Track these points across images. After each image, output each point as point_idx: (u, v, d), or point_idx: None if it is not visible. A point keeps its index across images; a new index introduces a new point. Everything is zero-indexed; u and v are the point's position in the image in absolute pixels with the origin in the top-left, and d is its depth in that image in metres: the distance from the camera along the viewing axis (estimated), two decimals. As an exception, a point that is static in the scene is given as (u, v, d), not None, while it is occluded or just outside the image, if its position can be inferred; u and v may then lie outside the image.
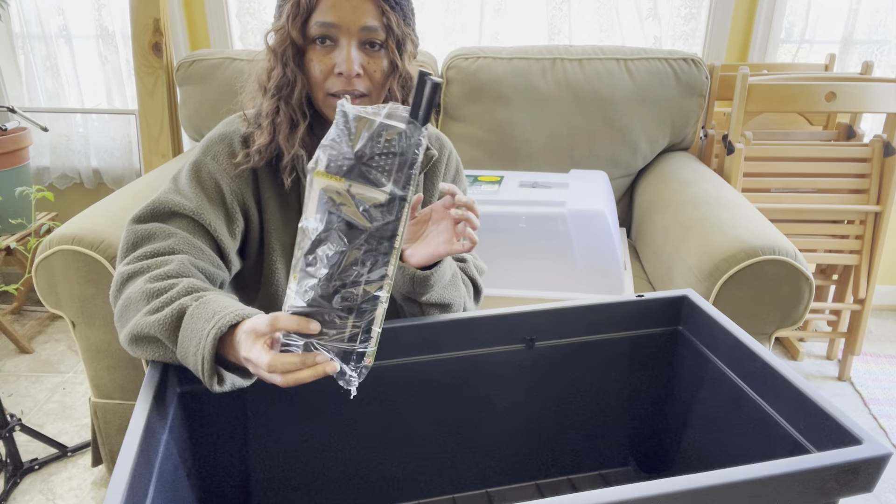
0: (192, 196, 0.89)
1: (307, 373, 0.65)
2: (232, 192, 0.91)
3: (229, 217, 0.91)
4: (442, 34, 2.10)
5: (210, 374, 0.69)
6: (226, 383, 0.73)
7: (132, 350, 0.78)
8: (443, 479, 0.96)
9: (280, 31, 0.88)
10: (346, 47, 0.86)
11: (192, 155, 0.94)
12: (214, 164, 0.91)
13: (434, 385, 0.90)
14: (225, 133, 0.94)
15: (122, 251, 0.85)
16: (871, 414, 1.79)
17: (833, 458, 0.61)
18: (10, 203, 1.95)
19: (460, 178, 1.09)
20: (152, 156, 2.00)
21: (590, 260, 1.43)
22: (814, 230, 1.80)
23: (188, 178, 0.91)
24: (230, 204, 0.91)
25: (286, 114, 0.90)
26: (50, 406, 1.82)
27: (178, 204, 0.87)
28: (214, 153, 0.92)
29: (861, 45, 2.04)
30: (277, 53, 0.88)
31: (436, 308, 0.92)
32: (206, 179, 0.91)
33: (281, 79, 0.88)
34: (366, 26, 0.85)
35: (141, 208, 0.88)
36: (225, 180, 0.91)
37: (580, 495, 0.57)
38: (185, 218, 0.87)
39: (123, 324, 0.78)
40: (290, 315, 0.66)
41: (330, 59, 0.87)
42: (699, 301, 0.92)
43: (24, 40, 2.18)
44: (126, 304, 0.79)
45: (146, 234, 0.85)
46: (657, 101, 1.79)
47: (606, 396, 0.98)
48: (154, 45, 1.90)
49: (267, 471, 0.89)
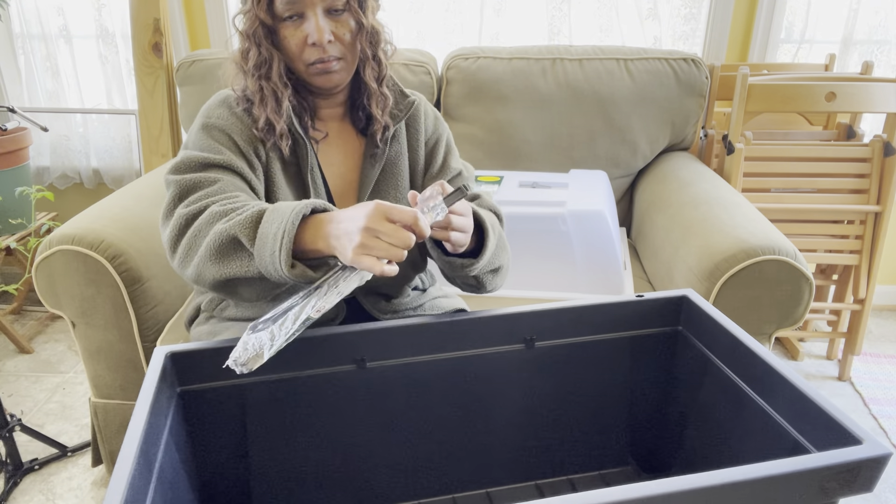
0: (214, 149, 0.93)
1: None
2: (245, 143, 0.95)
3: (251, 165, 0.96)
4: (442, 34, 2.10)
5: (287, 251, 0.74)
6: (297, 269, 0.76)
7: (208, 270, 0.81)
8: (443, 479, 0.96)
9: (248, 14, 0.93)
10: (314, 17, 0.91)
11: (194, 126, 0.98)
12: (222, 122, 0.96)
13: (434, 385, 0.90)
14: (222, 98, 0.99)
15: (172, 200, 0.89)
16: (871, 414, 1.79)
17: (833, 458, 0.61)
18: (10, 203, 1.95)
19: (440, 122, 1.12)
20: (152, 156, 2.00)
21: (590, 260, 1.43)
22: (814, 230, 1.80)
23: (203, 138, 0.95)
24: (248, 154, 0.95)
25: (269, 89, 0.94)
26: (50, 406, 1.82)
27: (207, 158, 0.91)
28: (218, 115, 0.97)
29: (861, 45, 2.04)
30: (249, 35, 0.93)
31: (489, 275, 0.97)
32: (219, 136, 0.95)
33: (258, 58, 0.93)
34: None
35: (175, 163, 0.92)
36: (236, 133, 0.95)
37: (580, 495, 0.57)
38: (219, 167, 0.92)
39: (195, 250, 0.82)
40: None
41: (301, 31, 0.92)
42: (699, 301, 0.92)
43: (24, 40, 2.18)
44: (196, 234, 0.83)
45: (193, 182, 0.89)
46: (657, 101, 1.79)
47: (606, 396, 0.98)
48: (154, 45, 1.90)
49: (267, 471, 0.89)
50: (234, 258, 0.79)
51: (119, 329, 1.33)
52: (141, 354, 1.36)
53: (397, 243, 0.72)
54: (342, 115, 1.05)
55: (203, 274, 0.82)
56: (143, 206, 1.47)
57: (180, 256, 0.84)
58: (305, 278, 0.77)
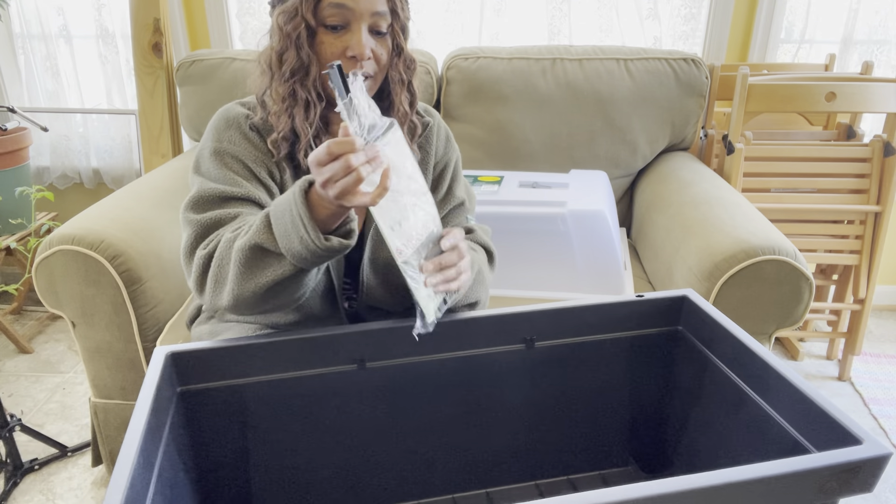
0: (229, 180, 0.91)
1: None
2: (260, 167, 0.94)
3: (268, 190, 0.94)
4: (442, 34, 2.10)
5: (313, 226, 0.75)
6: (332, 240, 0.76)
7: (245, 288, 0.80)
8: (443, 479, 0.96)
9: (292, 13, 0.88)
10: (359, 31, 0.88)
11: (204, 147, 0.95)
12: (235, 148, 0.93)
13: (434, 385, 0.90)
14: (230, 118, 0.96)
15: (191, 241, 0.87)
16: (871, 414, 1.79)
17: (833, 458, 0.61)
18: (10, 203, 1.95)
19: (451, 146, 1.11)
20: (152, 156, 2.00)
21: (590, 260, 1.43)
22: (814, 230, 1.80)
23: (217, 167, 0.92)
24: (264, 179, 0.94)
25: (302, 97, 0.91)
26: (50, 406, 1.82)
27: (224, 191, 0.89)
28: (229, 138, 0.94)
29: (861, 45, 2.04)
30: (292, 38, 0.89)
31: (464, 308, 0.94)
32: (234, 164, 0.93)
33: (296, 62, 0.89)
34: (377, 11, 0.89)
35: (190, 200, 0.90)
36: (250, 159, 0.93)
37: (580, 495, 0.57)
38: (239, 200, 0.90)
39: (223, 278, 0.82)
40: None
41: (341, 41, 0.89)
42: (699, 301, 0.92)
43: (24, 40, 2.18)
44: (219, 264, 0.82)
45: (212, 221, 0.87)
46: (657, 101, 1.79)
47: (606, 396, 0.98)
48: (154, 45, 1.90)
49: (267, 471, 0.89)
50: (266, 264, 0.79)
51: (119, 329, 1.33)
52: (141, 354, 1.36)
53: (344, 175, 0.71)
54: None
55: (242, 294, 0.80)
56: (143, 206, 1.47)
57: (210, 290, 0.83)
58: (343, 246, 0.78)
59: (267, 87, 0.94)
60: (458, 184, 1.10)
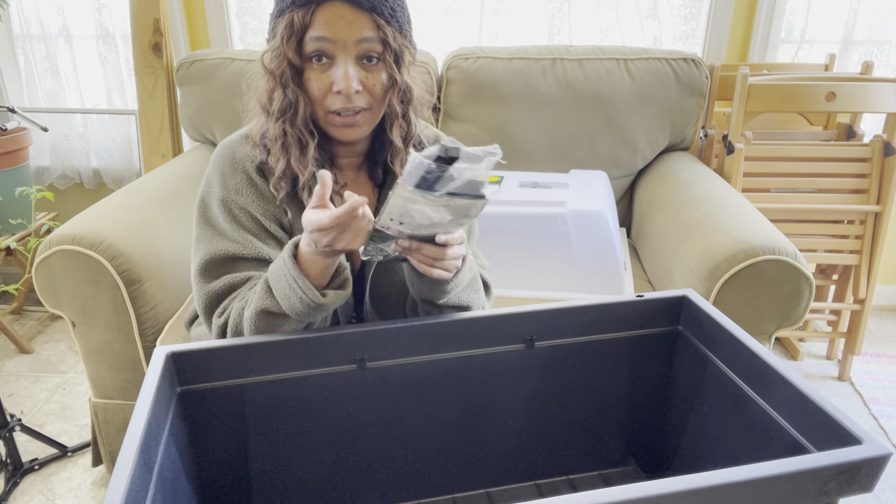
0: (240, 238, 0.91)
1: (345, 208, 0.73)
2: (268, 218, 0.93)
3: (278, 241, 0.94)
4: (442, 34, 2.10)
5: (309, 287, 0.78)
6: (328, 295, 0.81)
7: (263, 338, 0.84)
8: (443, 479, 0.96)
9: (276, 52, 0.86)
10: (343, 64, 0.85)
11: (211, 192, 0.94)
12: (242, 198, 0.92)
13: (434, 385, 0.90)
14: (235, 160, 0.94)
15: (205, 309, 0.90)
16: (871, 414, 1.79)
17: (833, 458, 0.61)
18: (10, 203, 1.95)
19: None
20: (152, 156, 2.00)
21: (590, 260, 1.43)
22: (814, 230, 1.80)
23: (224, 219, 0.92)
24: (273, 230, 0.94)
25: (293, 135, 0.89)
26: (50, 406, 1.82)
27: (234, 251, 0.90)
28: (236, 186, 0.93)
29: (861, 45, 2.04)
30: (276, 76, 0.87)
31: (454, 310, 0.92)
32: (241, 216, 0.92)
33: (283, 101, 0.88)
34: (362, 38, 0.85)
35: (201, 264, 0.91)
36: (258, 210, 0.93)
37: (580, 495, 0.57)
38: (248, 260, 0.91)
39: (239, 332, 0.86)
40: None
41: (328, 76, 0.86)
42: (699, 301, 0.92)
43: (24, 40, 2.18)
44: (234, 331, 0.86)
45: (223, 290, 0.89)
46: (657, 101, 1.79)
47: (606, 396, 0.98)
48: (154, 45, 1.90)
49: (267, 471, 0.89)
50: (276, 325, 0.83)
51: (119, 329, 1.33)
52: (141, 354, 1.36)
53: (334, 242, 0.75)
54: (359, 166, 1.00)
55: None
56: (143, 206, 1.47)
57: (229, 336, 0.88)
58: (340, 297, 0.82)
59: (264, 127, 0.93)
60: None
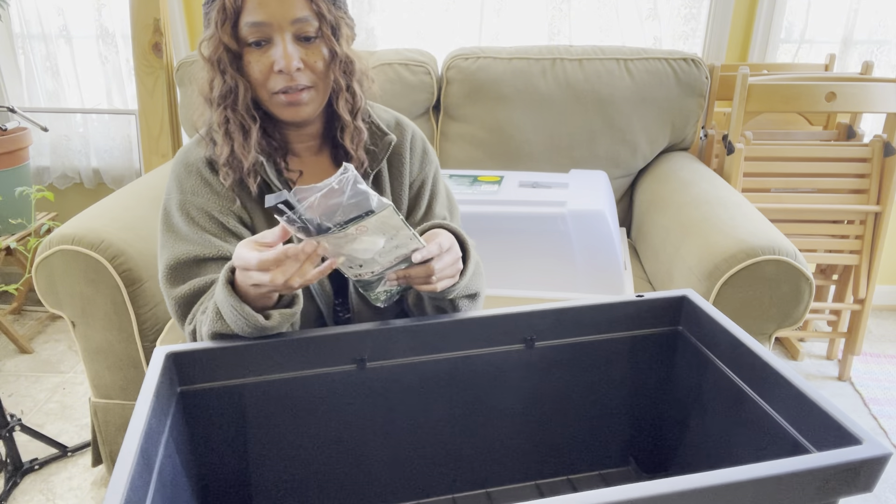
0: (200, 240, 0.91)
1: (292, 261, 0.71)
2: (226, 215, 0.93)
3: (239, 237, 0.93)
4: (442, 34, 2.10)
5: (251, 314, 0.76)
6: (272, 318, 0.79)
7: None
8: (443, 479, 0.96)
9: (212, 39, 0.87)
10: (282, 43, 0.85)
11: (170, 197, 0.95)
12: (198, 199, 0.92)
13: (434, 385, 0.90)
14: (189, 163, 0.95)
15: (177, 313, 0.90)
16: (871, 414, 1.79)
17: (833, 458, 0.61)
18: (10, 203, 1.95)
19: (428, 159, 1.06)
20: (152, 156, 2.00)
21: (590, 260, 1.43)
22: (814, 230, 1.80)
23: (184, 222, 0.92)
24: (233, 227, 0.93)
25: (235, 121, 0.89)
26: (50, 406, 1.82)
27: (196, 252, 0.90)
28: (192, 188, 0.93)
29: (861, 45, 2.04)
30: (213, 62, 0.87)
31: (465, 300, 0.92)
32: (200, 217, 0.92)
33: (223, 87, 0.88)
34: (297, 18, 0.85)
35: (166, 269, 0.91)
36: (215, 209, 0.92)
37: (580, 495, 0.57)
38: (212, 260, 0.90)
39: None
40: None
41: (267, 57, 0.86)
42: (699, 301, 0.92)
43: (24, 40, 2.18)
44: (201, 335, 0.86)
45: (192, 293, 0.89)
46: (657, 101, 1.79)
47: (606, 397, 0.98)
48: (154, 45, 1.90)
49: (267, 471, 0.89)
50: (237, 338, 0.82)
51: (119, 329, 1.33)
52: (141, 354, 1.36)
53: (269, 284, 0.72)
54: (317, 149, 1.00)
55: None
56: (143, 206, 1.47)
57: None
58: (288, 317, 0.81)
59: (210, 119, 0.93)
60: (437, 200, 1.06)
